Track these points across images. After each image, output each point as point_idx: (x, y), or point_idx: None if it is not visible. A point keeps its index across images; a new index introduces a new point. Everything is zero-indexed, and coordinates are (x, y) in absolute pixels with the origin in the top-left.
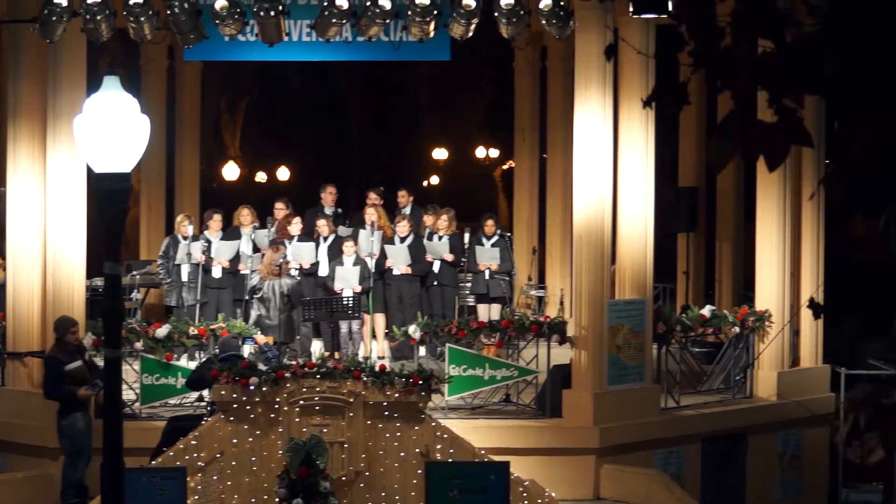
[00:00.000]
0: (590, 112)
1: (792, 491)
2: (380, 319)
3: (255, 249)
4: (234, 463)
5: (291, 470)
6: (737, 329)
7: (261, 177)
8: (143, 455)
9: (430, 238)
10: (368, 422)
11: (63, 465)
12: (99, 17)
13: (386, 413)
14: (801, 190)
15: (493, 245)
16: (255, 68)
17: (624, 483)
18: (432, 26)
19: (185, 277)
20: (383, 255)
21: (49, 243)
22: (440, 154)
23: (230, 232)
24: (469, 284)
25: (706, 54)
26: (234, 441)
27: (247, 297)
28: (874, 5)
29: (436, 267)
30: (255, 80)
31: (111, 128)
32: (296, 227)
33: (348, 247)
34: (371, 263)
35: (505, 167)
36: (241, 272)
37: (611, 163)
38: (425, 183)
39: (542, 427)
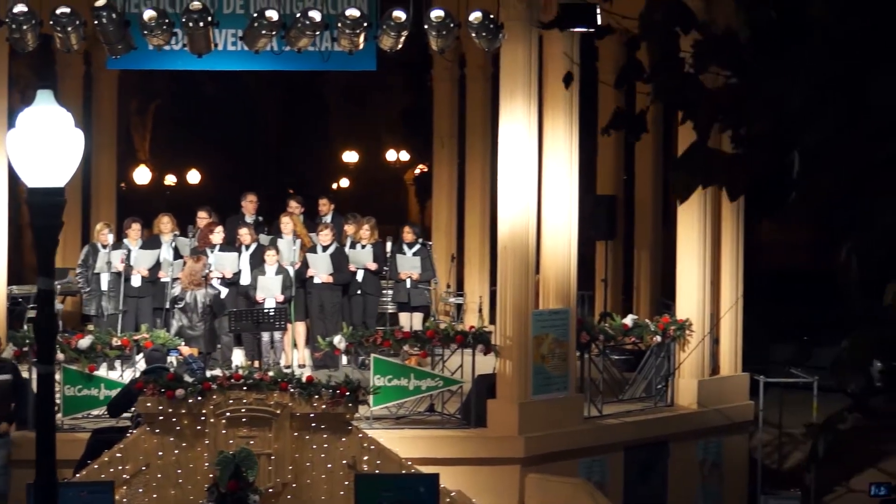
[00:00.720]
0: (515, 122)
1: (712, 498)
2: (301, 328)
3: (177, 257)
4: (159, 475)
5: (221, 483)
6: (658, 338)
7: (170, 179)
8: (65, 468)
9: (352, 247)
10: (295, 433)
11: None
12: (25, 27)
13: (313, 424)
14: (721, 199)
15: (414, 254)
16: (166, 70)
17: (548, 492)
18: (362, 38)
19: (104, 286)
20: (305, 264)
21: None
22: (350, 157)
23: (150, 240)
24: (390, 293)
25: (668, 87)
26: (160, 453)
27: (167, 307)
28: (836, 35)
29: (359, 276)
30: (167, 82)
31: (44, 142)
32: (218, 236)
33: (270, 256)
34: (292, 272)
35: (417, 171)
36: (162, 280)
37: (535, 173)
38: (335, 186)
39: (466, 437)
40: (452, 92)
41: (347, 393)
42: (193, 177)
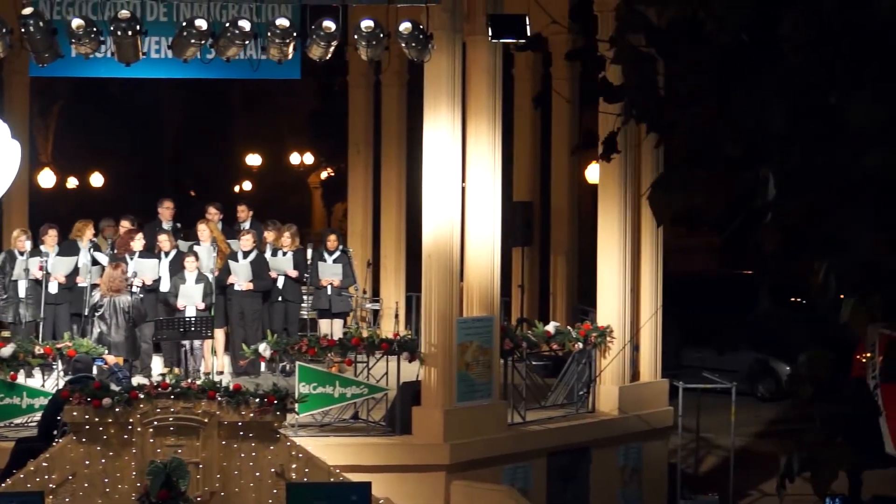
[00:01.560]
0: (439, 131)
1: (632, 503)
2: (220, 335)
3: (94, 262)
4: (86, 485)
5: (152, 493)
6: (580, 345)
7: (72, 182)
8: None
9: (273, 254)
10: (223, 442)
11: None
12: None
13: (241, 433)
14: (641, 206)
15: (335, 261)
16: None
17: (474, 499)
18: (291, 48)
19: (22, 294)
20: (225, 271)
21: None
22: (254, 160)
23: (67, 246)
24: (309, 299)
25: (644, 109)
26: (87, 462)
27: (85, 313)
28: (808, 59)
29: (280, 283)
30: (69, 84)
31: None
32: (138, 243)
33: (190, 262)
34: (212, 279)
35: (324, 175)
36: (80, 285)
37: (459, 181)
38: (237, 188)
39: (392, 444)
40: (368, 98)
41: (275, 401)
42: (97, 180)
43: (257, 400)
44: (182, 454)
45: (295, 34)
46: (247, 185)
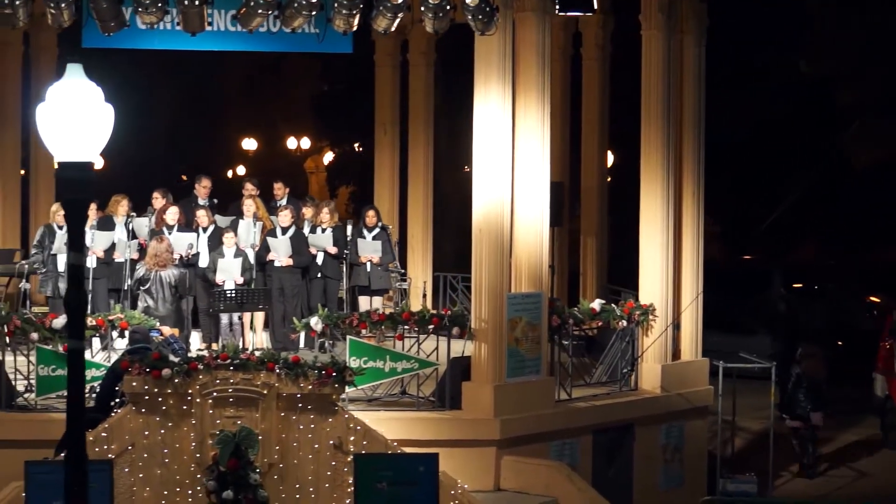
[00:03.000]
0: (489, 107)
1: (674, 481)
2: (259, 312)
3: (131, 238)
4: (145, 455)
5: (221, 461)
6: (624, 322)
7: None
8: (42, 447)
9: (312, 230)
10: (282, 413)
11: None
12: (17, 3)
13: (300, 405)
14: (682, 186)
15: (374, 237)
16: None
17: (524, 474)
18: (357, 19)
19: (61, 267)
20: (264, 247)
21: None
22: (249, 144)
23: (103, 221)
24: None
25: None
26: (146, 433)
27: (125, 288)
28: None
29: (319, 259)
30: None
31: (75, 116)
32: (171, 216)
33: (228, 238)
34: (251, 255)
35: (328, 159)
36: (117, 261)
37: (510, 158)
38: (230, 173)
39: (442, 419)
40: (394, 77)
41: (334, 373)
42: (97, 162)
43: (316, 372)
44: (242, 425)
45: (361, 5)
46: (241, 170)
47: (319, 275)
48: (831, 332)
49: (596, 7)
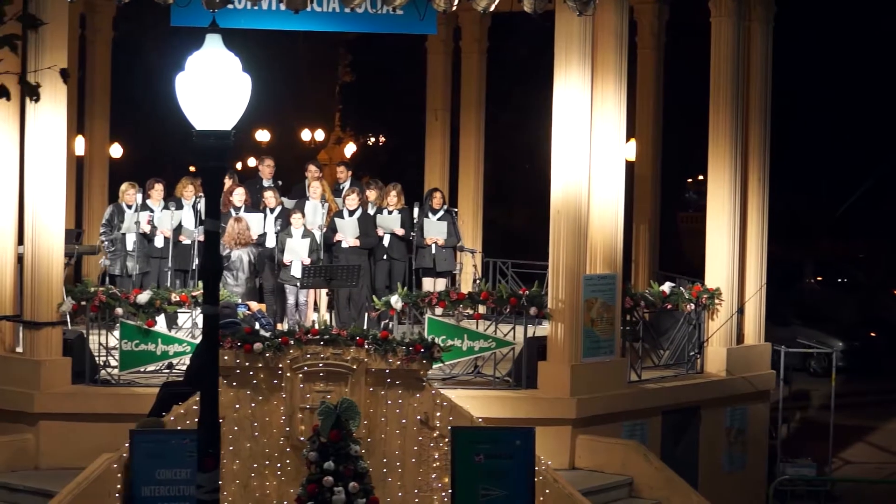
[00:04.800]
0: (569, 90)
1: (737, 464)
2: (324, 292)
3: (195, 222)
4: (235, 428)
5: (322, 433)
6: (692, 305)
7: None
8: (126, 420)
9: (379, 212)
10: (370, 388)
11: None
12: None
13: (388, 380)
14: (749, 171)
15: (439, 219)
16: None
17: (599, 453)
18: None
19: (130, 247)
20: (331, 228)
21: (28, 209)
22: (263, 135)
23: (171, 202)
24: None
25: None
26: (237, 406)
27: (193, 268)
28: None
29: (385, 241)
30: None
31: (213, 86)
32: (238, 197)
33: (296, 219)
34: (318, 235)
35: (348, 150)
36: (183, 242)
37: (588, 140)
38: (239, 165)
39: (519, 397)
40: (446, 65)
41: (422, 350)
42: (115, 150)
43: (404, 348)
44: (331, 400)
45: None
46: (251, 162)
47: (385, 256)
48: (864, 323)
49: None
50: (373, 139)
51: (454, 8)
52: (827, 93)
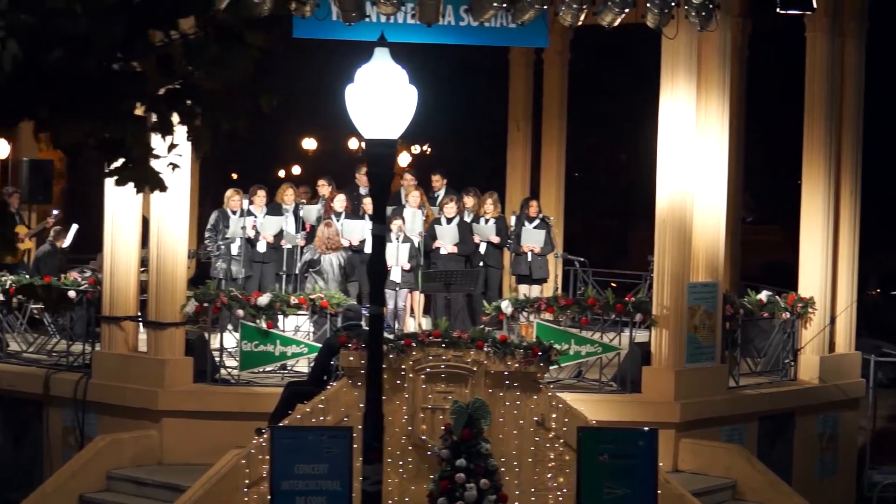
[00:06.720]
0: (675, 103)
1: (829, 470)
2: (419, 298)
3: (296, 228)
4: (359, 427)
5: (455, 431)
6: (787, 314)
7: None
8: (246, 419)
9: (476, 220)
10: (489, 390)
11: None
12: None
13: (506, 382)
14: (841, 183)
15: (535, 228)
16: None
17: (702, 456)
18: (584, 14)
19: (234, 251)
20: (429, 235)
21: (153, 213)
22: (309, 144)
23: (273, 208)
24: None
25: None
26: (360, 405)
27: (303, 271)
28: None
29: (482, 248)
30: None
31: (381, 97)
32: (339, 203)
33: (395, 225)
34: (417, 242)
35: (404, 161)
36: (284, 247)
37: (693, 152)
38: (283, 173)
39: (623, 401)
40: (528, 76)
41: (539, 353)
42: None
43: (522, 351)
44: (452, 400)
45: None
46: (296, 170)
47: (482, 263)
48: None
49: (815, 6)
50: (428, 149)
51: (579, 23)
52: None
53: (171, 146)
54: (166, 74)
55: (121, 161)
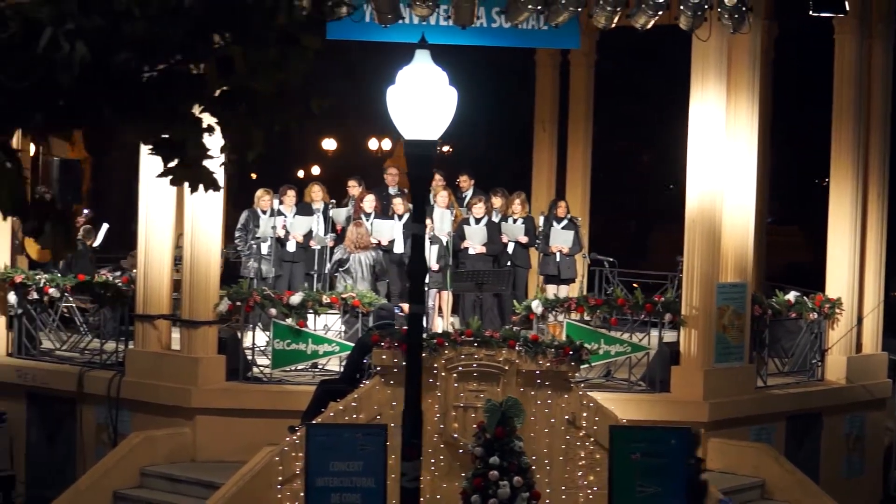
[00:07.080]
0: (705, 104)
1: (856, 470)
2: (447, 297)
3: (326, 225)
4: (391, 424)
5: (488, 429)
6: (815, 314)
7: None
8: (277, 417)
9: (504, 220)
10: (521, 389)
11: None
12: None
13: (537, 381)
14: (869, 184)
15: (563, 228)
16: None
17: (730, 455)
18: (617, 16)
19: (264, 251)
20: (458, 236)
21: (187, 210)
22: (329, 144)
23: (302, 208)
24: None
25: None
26: (393, 403)
27: (326, 271)
28: None
29: (510, 248)
30: None
31: (421, 98)
32: (368, 204)
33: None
34: (446, 242)
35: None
36: (312, 247)
37: (723, 153)
38: (301, 173)
39: (653, 400)
40: (554, 77)
41: (570, 352)
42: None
43: (553, 350)
44: (483, 399)
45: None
46: (315, 170)
47: (509, 263)
48: None
49: (848, 9)
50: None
51: (613, 25)
52: None
53: (224, 147)
54: (225, 77)
55: (175, 161)
